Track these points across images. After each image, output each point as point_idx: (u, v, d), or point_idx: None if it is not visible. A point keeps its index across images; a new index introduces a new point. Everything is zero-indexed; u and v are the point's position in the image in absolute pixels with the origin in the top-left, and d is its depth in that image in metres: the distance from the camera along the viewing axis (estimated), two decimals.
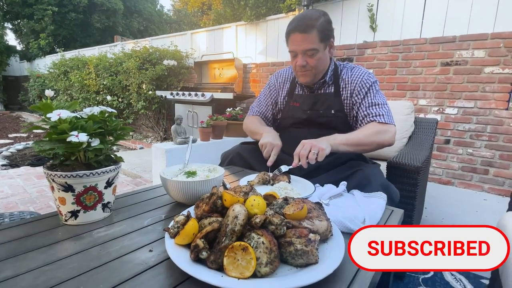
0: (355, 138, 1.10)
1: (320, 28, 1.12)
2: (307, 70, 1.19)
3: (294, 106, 1.31)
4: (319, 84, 1.26)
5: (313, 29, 1.11)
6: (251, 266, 0.48)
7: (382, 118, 1.15)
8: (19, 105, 11.18)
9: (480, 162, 2.50)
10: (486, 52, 2.38)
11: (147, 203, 0.87)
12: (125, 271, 0.53)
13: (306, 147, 1.00)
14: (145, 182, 2.81)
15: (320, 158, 0.98)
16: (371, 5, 2.93)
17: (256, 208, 0.57)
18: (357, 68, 1.27)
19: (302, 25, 1.12)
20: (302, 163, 0.99)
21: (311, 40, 1.12)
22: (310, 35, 1.12)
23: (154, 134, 5.43)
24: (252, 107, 1.49)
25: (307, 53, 1.15)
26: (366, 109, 1.18)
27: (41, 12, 10.73)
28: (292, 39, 1.16)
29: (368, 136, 1.11)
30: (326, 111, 1.24)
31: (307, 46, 1.13)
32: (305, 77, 1.22)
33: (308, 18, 1.12)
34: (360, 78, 1.22)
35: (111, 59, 5.32)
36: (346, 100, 1.24)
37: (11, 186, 2.56)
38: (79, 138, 0.64)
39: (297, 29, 1.13)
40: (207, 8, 14.24)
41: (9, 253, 0.58)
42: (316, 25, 1.11)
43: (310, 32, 1.11)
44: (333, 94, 1.25)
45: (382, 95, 1.23)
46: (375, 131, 1.12)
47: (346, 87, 1.24)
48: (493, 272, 1.07)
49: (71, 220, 0.71)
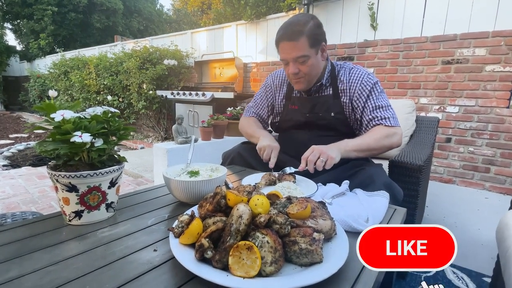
0: (365, 144, 1.08)
1: (309, 33, 1.08)
2: (300, 77, 1.16)
3: (293, 109, 1.29)
4: (316, 87, 1.23)
5: (302, 35, 1.07)
6: (256, 265, 0.48)
7: (388, 121, 1.14)
8: (20, 106, 11.18)
9: (481, 161, 2.50)
10: (487, 50, 2.38)
11: (150, 203, 0.88)
12: (130, 271, 0.53)
13: (315, 153, 0.97)
14: (146, 182, 2.82)
15: (327, 166, 0.96)
16: (372, 3, 2.93)
17: (260, 208, 0.57)
18: (356, 69, 1.22)
19: (290, 33, 1.08)
20: (309, 169, 0.97)
21: (300, 47, 1.08)
22: (298, 42, 1.08)
23: (155, 134, 5.43)
24: (248, 108, 1.48)
25: (298, 60, 1.11)
26: (371, 112, 1.16)
27: (41, 12, 10.73)
28: (281, 47, 1.13)
29: (378, 140, 1.10)
30: (325, 114, 1.22)
31: (297, 54, 1.10)
32: (299, 84, 1.19)
33: (295, 24, 1.08)
34: (360, 81, 1.19)
35: (112, 59, 5.32)
36: (345, 104, 1.21)
37: (13, 186, 2.57)
38: (83, 139, 0.64)
39: (284, 37, 1.10)
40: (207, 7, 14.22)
41: (14, 253, 0.58)
42: (304, 30, 1.07)
43: (298, 39, 1.07)
44: (332, 96, 1.22)
45: (385, 96, 1.21)
46: (383, 135, 1.11)
47: (345, 90, 1.21)
48: (495, 270, 1.07)
49: (75, 220, 0.71)
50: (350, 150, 1.05)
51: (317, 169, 0.97)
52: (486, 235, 1.73)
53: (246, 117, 1.46)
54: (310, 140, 1.24)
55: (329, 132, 1.22)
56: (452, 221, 1.95)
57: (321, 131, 1.24)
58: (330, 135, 1.21)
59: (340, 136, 1.19)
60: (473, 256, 1.51)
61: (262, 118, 1.44)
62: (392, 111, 1.18)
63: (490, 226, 1.83)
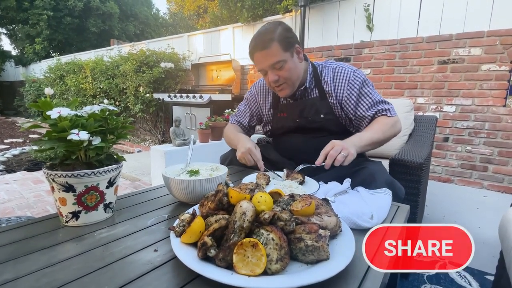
0: (376, 137, 1.07)
1: (280, 38, 1.07)
2: (282, 84, 1.14)
3: (282, 116, 1.27)
4: (301, 92, 1.21)
5: (272, 42, 1.06)
6: (262, 263, 0.46)
7: (389, 112, 1.16)
8: (15, 111, 11.06)
9: (479, 159, 2.51)
10: (482, 50, 2.40)
11: (149, 203, 0.86)
12: (130, 272, 0.51)
13: (337, 148, 0.95)
14: (144, 185, 2.78)
15: (346, 163, 0.94)
16: (368, 4, 2.95)
17: (263, 205, 0.56)
18: (340, 68, 1.19)
19: (260, 43, 1.08)
20: (327, 163, 0.95)
21: (274, 53, 1.08)
22: (270, 49, 1.07)
23: (151, 137, 5.39)
24: (232, 116, 1.47)
25: (275, 67, 1.10)
26: (371, 108, 1.15)
27: (36, 16, 10.67)
28: (256, 59, 1.12)
29: (385, 132, 1.10)
30: (315, 117, 1.20)
31: (272, 60, 1.09)
32: (283, 91, 1.17)
33: (264, 33, 1.09)
34: (346, 81, 1.16)
35: (108, 63, 5.29)
36: (333, 104, 1.19)
37: (8, 191, 2.52)
38: (80, 137, 0.62)
39: (257, 48, 1.09)
40: (203, 11, 14.27)
41: (9, 255, 0.56)
42: (274, 37, 1.07)
43: (270, 46, 1.07)
44: (319, 98, 1.20)
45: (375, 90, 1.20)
46: (389, 125, 1.12)
47: (331, 92, 1.19)
48: (498, 267, 1.07)
49: (72, 221, 0.69)
50: (365, 145, 1.04)
51: (335, 164, 0.94)
52: (486, 234, 1.73)
53: (228, 125, 1.46)
54: (305, 143, 1.24)
55: (322, 133, 1.21)
56: (452, 220, 1.94)
57: (314, 133, 1.22)
58: (323, 135, 1.20)
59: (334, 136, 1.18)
60: (475, 254, 1.50)
61: (243, 125, 1.43)
62: (389, 104, 1.18)
63: (490, 224, 1.83)
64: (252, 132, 1.48)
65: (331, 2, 3.24)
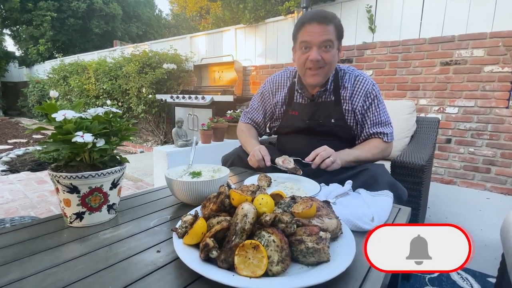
0: (363, 157, 1.13)
1: (337, 25, 1.08)
2: (320, 67, 1.09)
3: (293, 115, 1.27)
4: (320, 92, 1.20)
5: (332, 22, 1.06)
6: (263, 265, 0.47)
7: (386, 137, 1.19)
8: (18, 111, 11.15)
9: (481, 161, 2.50)
10: (485, 51, 2.39)
11: (151, 204, 0.87)
12: (134, 272, 0.52)
13: (328, 151, 1.02)
14: (146, 185, 2.80)
15: (330, 169, 1.01)
16: (370, 6, 2.95)
17: (264, 207, 0.57)
18: (361, 77, 1.20)
19: (320, 17, 1.04)
20: (315, 162, 1.00)
21: (330, 32, 1.05)
22: (328, 26, 1.04)
23: (154, 138, 5.42)
24: (244, 113, 1.46)
25: (325, 45, 1.06)
26: (372, 127, 1.20)
27: (40, 18, 10.76)
28: (307, 29, 1.06)
29: (375, 154, 1.17)
30: (326, 121, 1.20)
31: (325, 37, 1.04)
32: (316, 76, 1.11)
33: (325, 13, 1.07)
34: (364, 91, 1.18)
35: (111, 64, 5.33)
36: (347, 111, 1.20)
37: (11, 191, 2.55)
38: (84, 139, 0.63)
39: (314, 19, 1.04)
40: (205, 12, 14.32)
41: (14, 256, 0.57)
42: (334, 20, 1.07)
43: (329, 24, 1.05)
44: (334, 103, 1.20)
45: (385, 108, 1.22)
46: (380, 149, 1.18)
47: (347, 98, 1.19)
48: (500, 270, 1.06)
49: (76, 222, 0.70)
50: (350, 161, 1.10)
51: (321, 167, 1.00)
52: (489, 236, 1.72)
53: (242, 123, 1.45)
54: (310, 144, 1.23)
55: (328, 138, 1.22)
56: (454, 222, 1.92)
57: (321, 136, 1.23)
58: (329, 139, 1.20)
59: (340, 142, 1.19)
60: (477, 256, 1.50)
61: (257, 124, 1.42)
62: (391, 128, 1.21)
63: (492, 226, 1.82)
64: (265, 129, 1.47)
65: (333, 3, 3.25)
